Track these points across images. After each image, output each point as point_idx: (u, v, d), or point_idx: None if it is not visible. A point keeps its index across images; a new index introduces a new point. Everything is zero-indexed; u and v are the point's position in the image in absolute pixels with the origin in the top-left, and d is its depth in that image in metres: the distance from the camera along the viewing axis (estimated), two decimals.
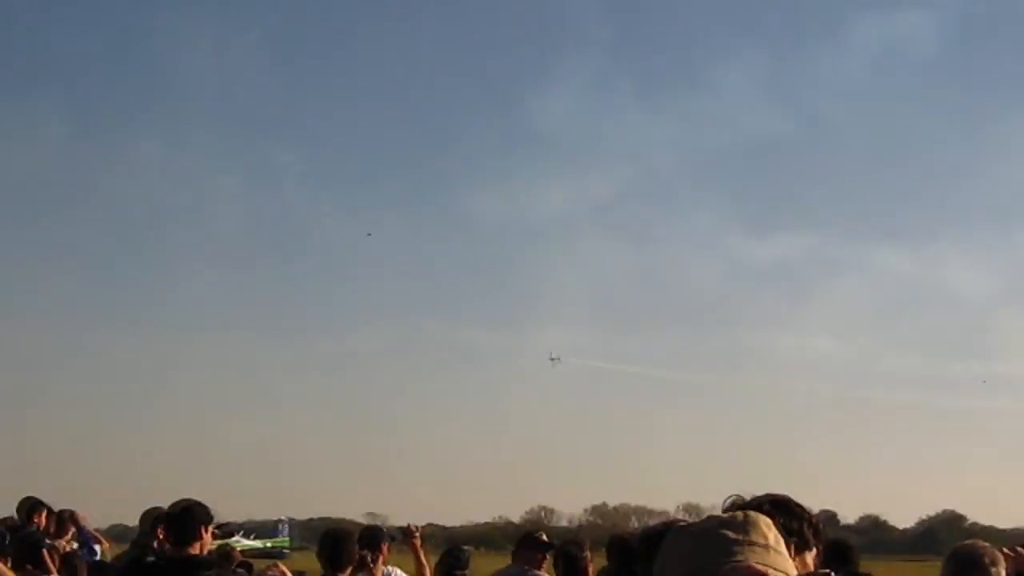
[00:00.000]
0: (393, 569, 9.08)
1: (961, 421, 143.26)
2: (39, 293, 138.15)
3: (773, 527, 2.33)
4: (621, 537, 7.05)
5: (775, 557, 2.27)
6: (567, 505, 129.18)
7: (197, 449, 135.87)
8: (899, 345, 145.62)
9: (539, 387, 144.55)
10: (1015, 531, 63.53)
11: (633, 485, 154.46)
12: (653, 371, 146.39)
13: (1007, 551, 5.89)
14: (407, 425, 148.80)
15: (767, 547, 2.27)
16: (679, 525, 2.45)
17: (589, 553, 8.11)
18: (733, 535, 2.26)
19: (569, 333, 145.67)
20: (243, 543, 52.38)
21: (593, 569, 7.96)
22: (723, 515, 2.39)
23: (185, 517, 6.80)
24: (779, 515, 2.78)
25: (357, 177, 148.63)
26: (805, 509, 3.26)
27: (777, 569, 2.23)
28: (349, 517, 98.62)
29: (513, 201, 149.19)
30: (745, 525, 2.29)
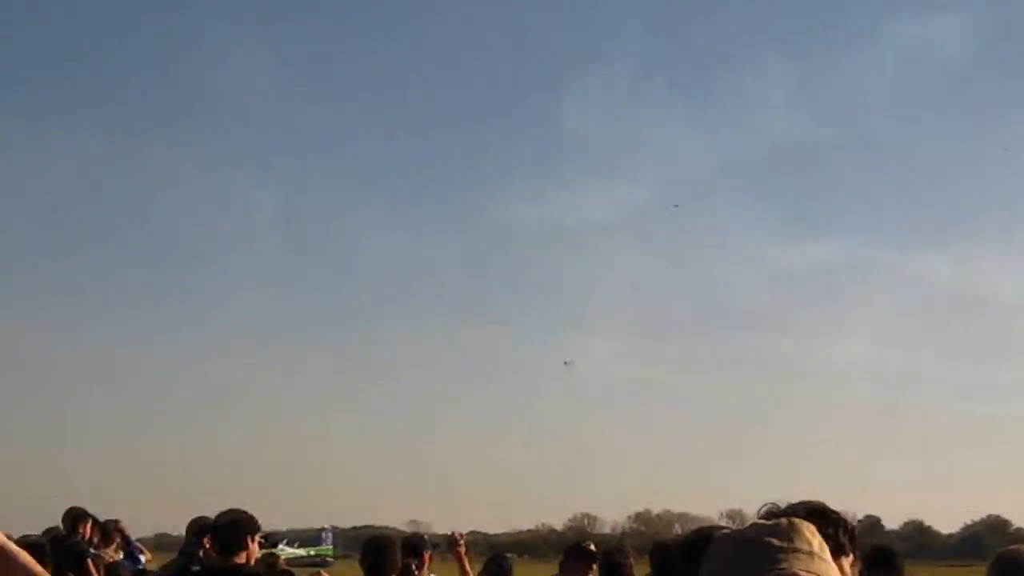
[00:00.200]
0: None
1: (1004, 426, 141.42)
2: (75, 307, 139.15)
3: (817, 534, 2.30)
4: (664, 544, 7.02)
5: (819, 564, 2.24)
6: (610, 512, 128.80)
7: (240, 459, 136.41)
8: (940, 351, 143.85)
9: (581, 394, 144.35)
10: None
11: (676, 491, 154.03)
12: (693, 378, 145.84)
13: None
14: (449, 433, 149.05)
15: (811, 554, 2.25)
16: (722, 532, 2.44)
17: (632, 560, 8.10)
18: (778, 542, 2.24)
19: (609, 340, 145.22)
20: (287, 552, 52.66)
21: None
22: (767, 522, 2.36)
23: (232, 527, 6.86)
24: (814, 521, 2.77)
25: (395, 188, 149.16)
26: (840, 514, 3.24)
27: None
28: (391, 525, 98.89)
29: (550, 210, 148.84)
30: (789, 532, 2.27)
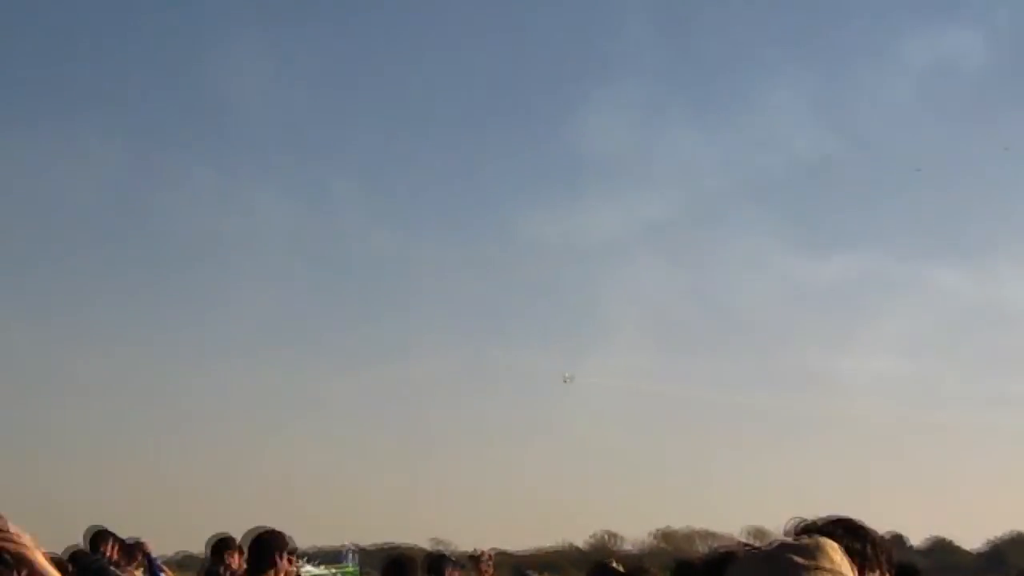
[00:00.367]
0: None
1: None
2: (91, 318, 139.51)
3: (840, 551, 2.34)
4: (687, 563, 7.01)
5: None
6: (632, 529, 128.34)
7: (260, 477, 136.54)
8: (962, 364, 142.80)
9: (601, 410, 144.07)
10: None
11: (697, 508, 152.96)
12: (712, 394, 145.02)
13: None
14: (470, 450, 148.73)
15: (834, 571, 2.28)
16: (745, 550, 2.45)
17: None
18: (802, 560, 2.28)
19: (627, 356, 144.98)
20: (308, 570, 52.63)
21: None
22: (791, 540, 2.40)
23: (261, 544, 6.88)
24: (843, 536, 2.76)
25: (410, 201, 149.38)
26: (869, 529, 3.23)
27: None
28: (414, 543, 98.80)
29: (566, 224, 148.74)
30: (813, 550, 2.30)
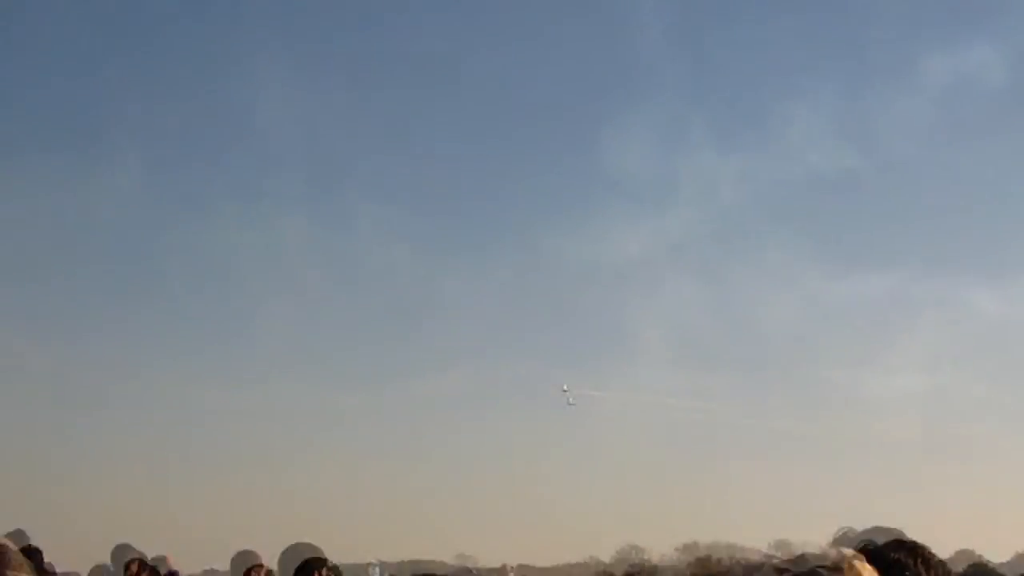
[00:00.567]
0: None
1: None
2: (111, 338, 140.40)
3: (868, 566, 2.34)
4: None
5: None
6: (657, 544, 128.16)
7: (284, 493, 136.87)
8: (987, 380, 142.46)
9: (626, 426, 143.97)
10: None
11: (723, 522, 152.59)
12: (737, 410, 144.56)
13: None
14: (495, 465, 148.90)
15: None
16: (775, 568, 2.46)
17: None
18: None
19: (652, 373, 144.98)
20: None
21: None
22: (817, 554, 2.39)
23: (297, 560, 6.87)
24: (890, 550, 2.75)
25: (432, 220, 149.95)
26: (917, 543, 3.20)
27: None
28: (440, 559, 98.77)
29: (590, 243, 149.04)
30: (842, 566, 2.30)
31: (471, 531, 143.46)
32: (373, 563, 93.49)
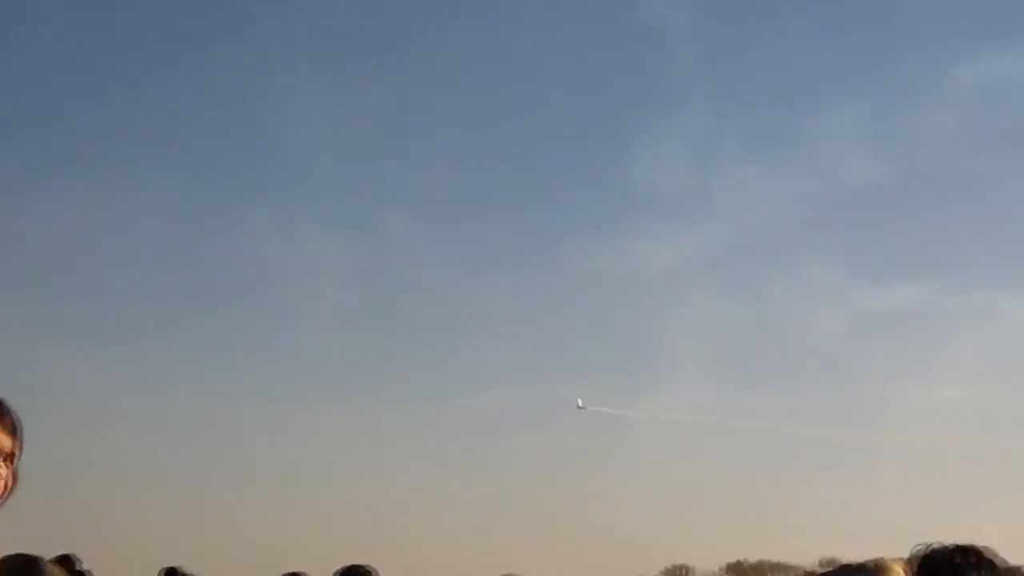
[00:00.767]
0: None
1: None
2: (148, 356, 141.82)
3: (906, 574, 2.34)
4: None
5: None
6: (704, 562, 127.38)
7: (324, 515, 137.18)
8: None
9: (671, 444, 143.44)
10: None
11: (770, 541, 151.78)
12: (780, 426, 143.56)
13: None
14: (541, 484, 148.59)
15: None
16: (807, 573, 2.50)
17: None
18: None
19: (692, 390, 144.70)
20: None
21: None
22: (855, 564, 2.37)
23: None
24: (953, 555, 2.73)
25: (466, 237, 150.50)
26: (982, 549, 3.16)
27: None
28: None
29: (624, 259, 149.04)
30: (877, 573, 2.28)
31: (518, 550, 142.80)
32: None
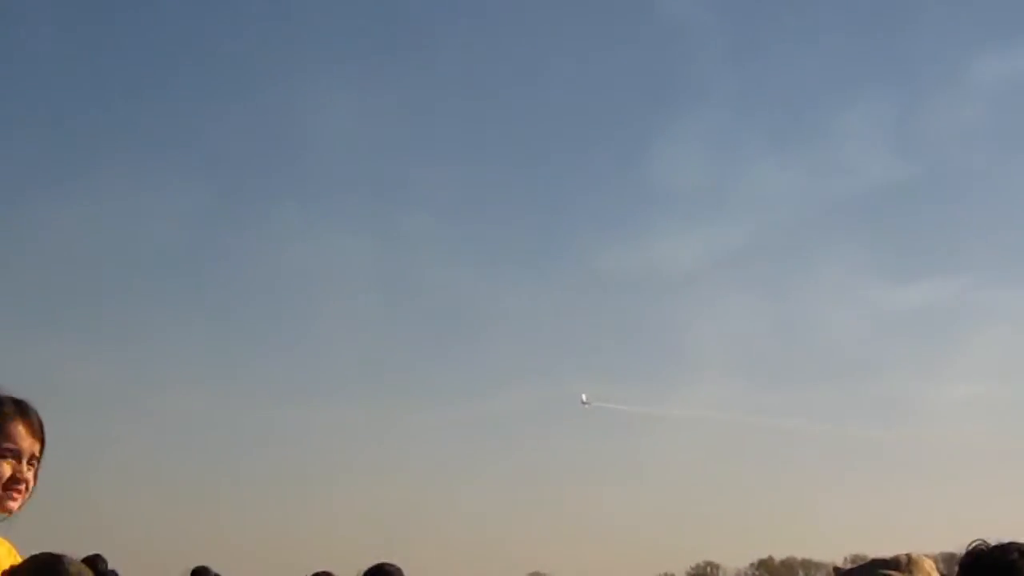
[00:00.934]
0: None
1: None
2: (171, 355, 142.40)
3: (935, 570, 2.35)
4: None
5: None
6: (732, 560, 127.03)
7: (344, 514, 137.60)
8: None
9: (696, 442, 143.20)
10: None
11: (798, 537, 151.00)
12: (806, 424, 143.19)
13: None
14: (568, 482, 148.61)
15: None
16: (841, 573, 2.52)
17: None
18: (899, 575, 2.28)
19: (717, 388, 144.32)
20: None
21: None
22: (886, 559, 2.39)
23: None
24: (1005, 552, 2.73)
25: (488, 238, 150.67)
26: None
27: None
28: None
29: (645, 258, 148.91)
30: (910, 566, 2.31)
31: (546, 548, 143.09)
32: None
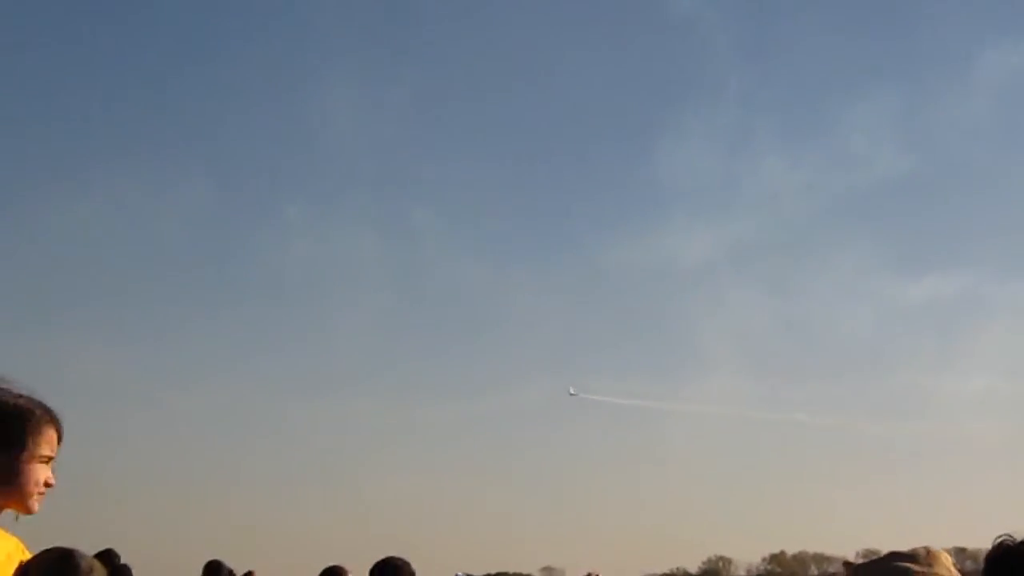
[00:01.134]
0: None
1: None
2: (181, 352, 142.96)
3: (952, 565, 2.39)
4: None
5: None
6: (744, 554, 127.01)
7: (369, 508, 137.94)
8: None
9: (708, 436, 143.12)
10: None
11: (810, 532, 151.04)
12: (816, 418, 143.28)
13: None
14: (578, 478, 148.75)
15: None
16: (858, 566, 2.55)
17: None
18: (918, 568, 2.34)
19: (729, 383, 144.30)
20: None
21: None
22: (903, 552, 2.43)
23: (390, 574, 6.92)
24: None
25: (497, 234, 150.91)
26: None
27: None
28: (526, 572, 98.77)
29: (654, 252, 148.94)
30: (929, 558, 2.36)
31: (558, 543, 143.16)
32: (460, 575, 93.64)
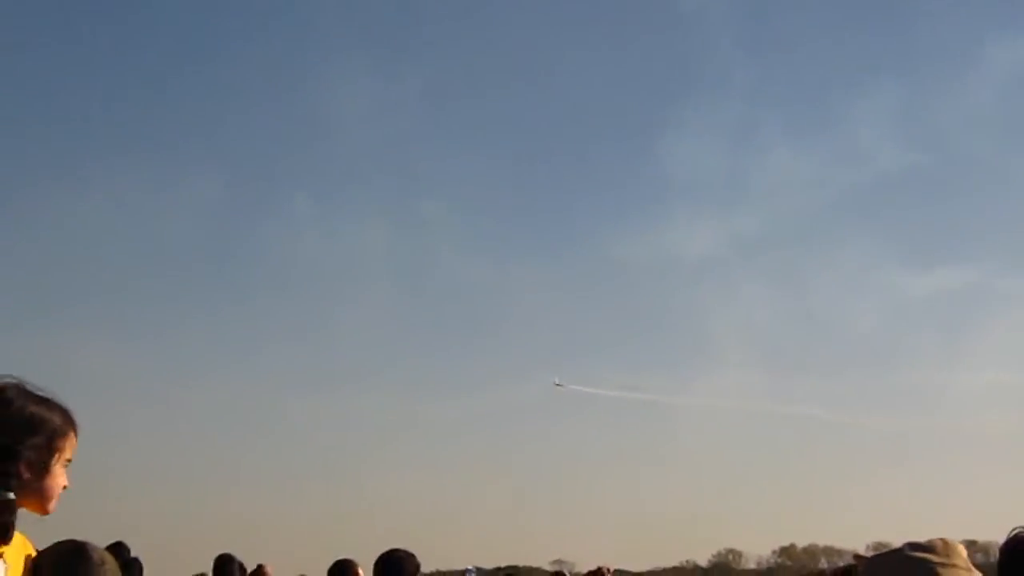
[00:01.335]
0: None
1: None
2: (188, 345, 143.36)
3: (962, 547, 2.42)
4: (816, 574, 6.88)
5: None
6: (754, 547, 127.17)
7: (382, 501, 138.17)
8: None
9: (717, 429, 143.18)
10: None
11: (820, 525, 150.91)
12: (826, 412, 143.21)
13: None
14: (590, 471, 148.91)
15: (969, 570, 2.39)
16: (874, 556, 2.62)
17: None
18: (936, 559, 2.38)
19: (737, 377, 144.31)
20: None
21: None
22: (920, 543, 2.46)
23: (394, 566, 6.92)
24: None
25: (504, 227, 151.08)
26: None
27: None
28: (536, 565, 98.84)
29: (661, 246, 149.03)
30: (946, 550, 2.39)
31: (569, 537, 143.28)
32: (470, 569, 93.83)
